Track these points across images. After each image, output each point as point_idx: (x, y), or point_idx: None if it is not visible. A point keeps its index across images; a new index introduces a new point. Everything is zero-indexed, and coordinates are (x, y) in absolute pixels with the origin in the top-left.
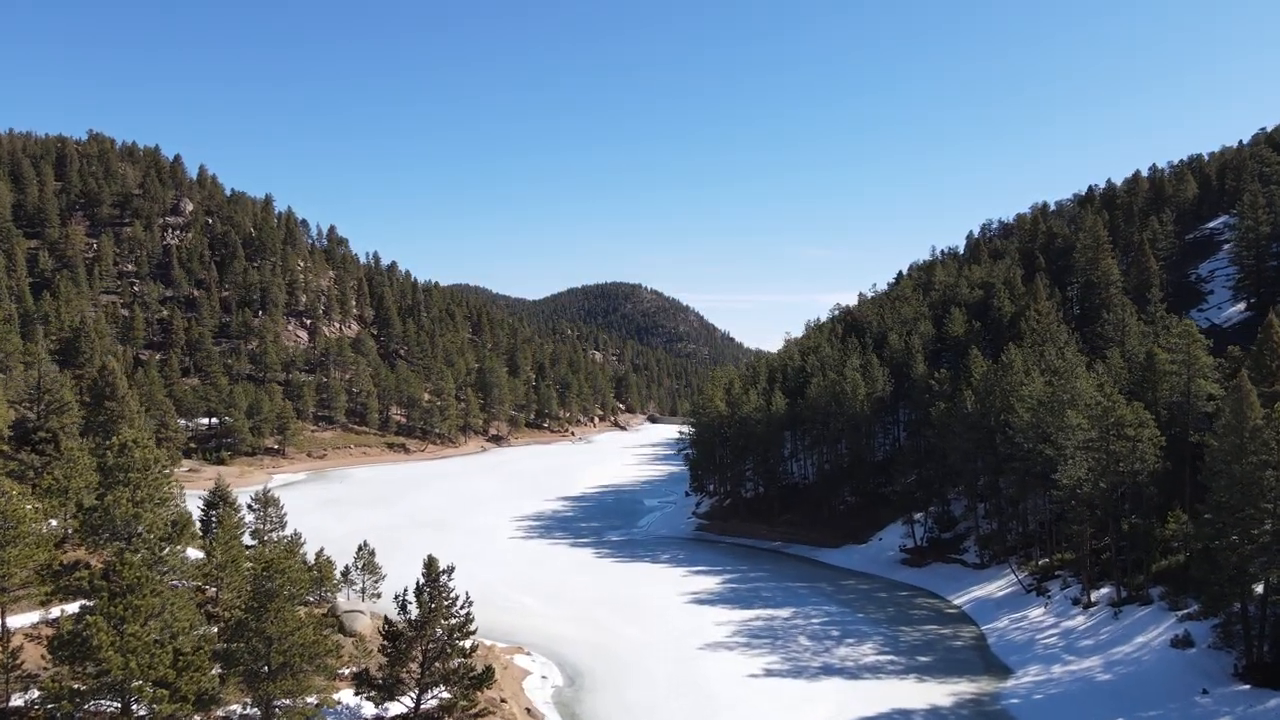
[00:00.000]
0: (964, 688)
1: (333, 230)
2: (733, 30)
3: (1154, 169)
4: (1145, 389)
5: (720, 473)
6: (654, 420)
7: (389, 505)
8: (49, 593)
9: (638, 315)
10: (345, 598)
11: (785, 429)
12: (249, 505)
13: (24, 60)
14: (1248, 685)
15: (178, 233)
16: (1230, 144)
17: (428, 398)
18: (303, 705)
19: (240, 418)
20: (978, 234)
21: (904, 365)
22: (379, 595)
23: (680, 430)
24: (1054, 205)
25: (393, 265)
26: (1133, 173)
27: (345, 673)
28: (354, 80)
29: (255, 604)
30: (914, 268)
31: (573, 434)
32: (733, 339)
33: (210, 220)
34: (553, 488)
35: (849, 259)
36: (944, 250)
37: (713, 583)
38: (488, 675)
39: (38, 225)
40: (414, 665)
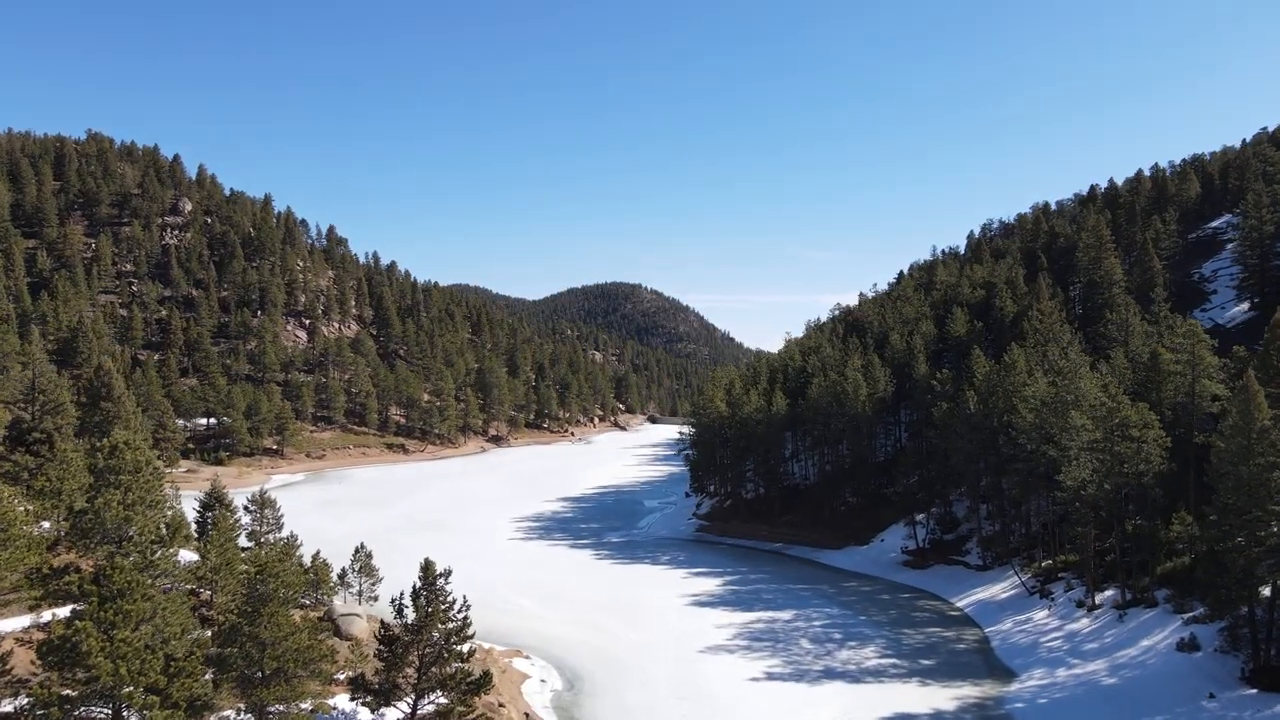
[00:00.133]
0: (967, 691)
1: (332, 230)
2: (732, 32)
3: (1156, 168)
4: (1149, 389)
5: (721, 473)
6: (654, 420)
7: (388, 506)
8: (39, 597)
9: (638, 315)
10: (342, 600)
11: (786, 429)
12: (245, 507)
13: (24, 60)
14: (1255, 689)
15: (176, 232)
16: (1229, 144)
17: (427, 398)
18: (297, 711)
19: (238, 418)
20: (978, 234)
21: (906, 365)
22: (376, 598)
23: (680, 431)
24: (1054, 205)
25: (392, 265)
26: (1135, 172)
27: (341, 677)
28: (354, 81)
29: (249, 608)
30: (915, 267)
31: (572, 434)
32: (733, 339)
33: (209, 220)
34: (552, 488)
35: (849, 259)
36: (945, 250)
37: (713, 584)
38: (485, 680)
39: (36, 225)
40: (410, 670)
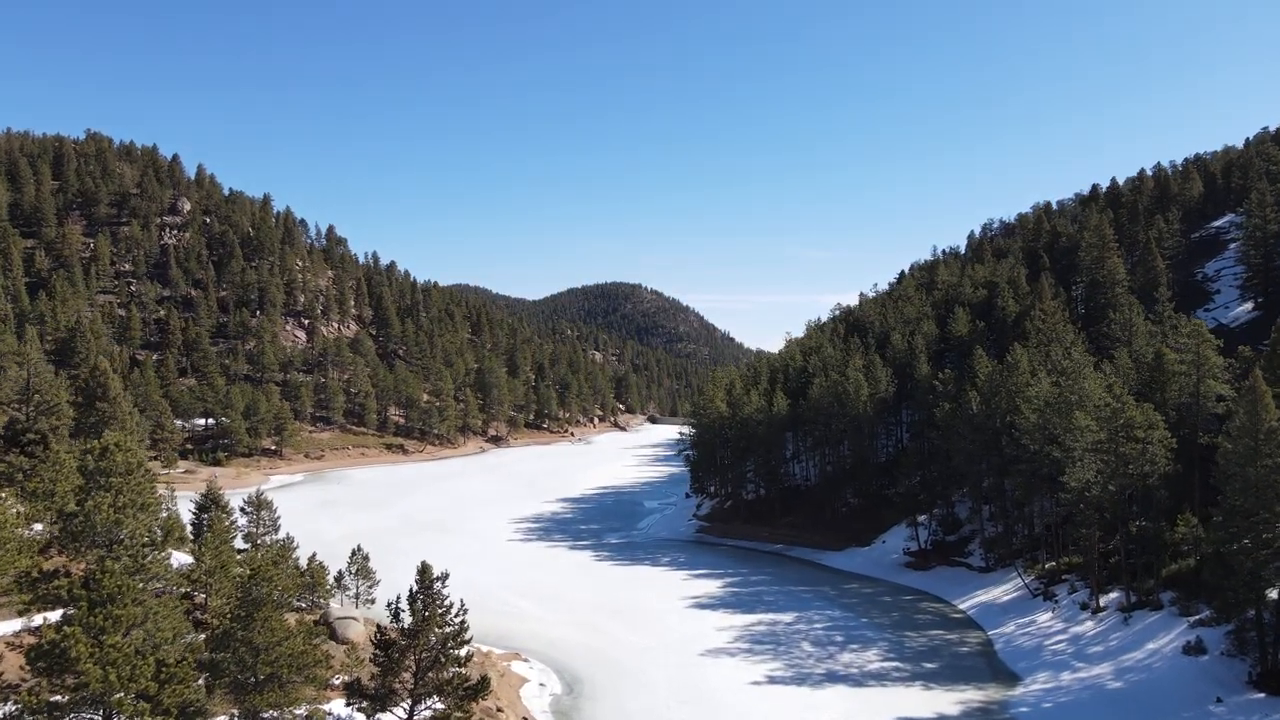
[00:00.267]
0: (971, 696)
1: (331, 230)
2: (732, 32)
3: (1158, 167)
4: (1153, 390)
5: (721, 474)
6: (654, 421)
7: (386, 507)
8: (28, 601)
9: (638, 315)
10: (339, 603)
11: (787, 430)
12: (241, 508)
13: (24, 60)
14: (1263, 694)
15: (175, 232)
16: (1230, 144)
17: (426, 398)
18: (291, 717)
19: (237, 418)
20: (979, 234)
21: (907, 365)
22: (373, 601)
23: (680, 431)
24: (1055, 205)
25: (391, 265)
26: (1137, 171)
27: (337, 682)
28: (354, 81)
29: (242, 612)
30: (916, 267)
31: (572, 434)
32: (733, 339)
33: (208, 220)
34: (552, 489)
35: (849, 259)
36: (945, 250)
37: (714, 586)
38: (483, 685)
39: (34, 225)
40: (407, 675)
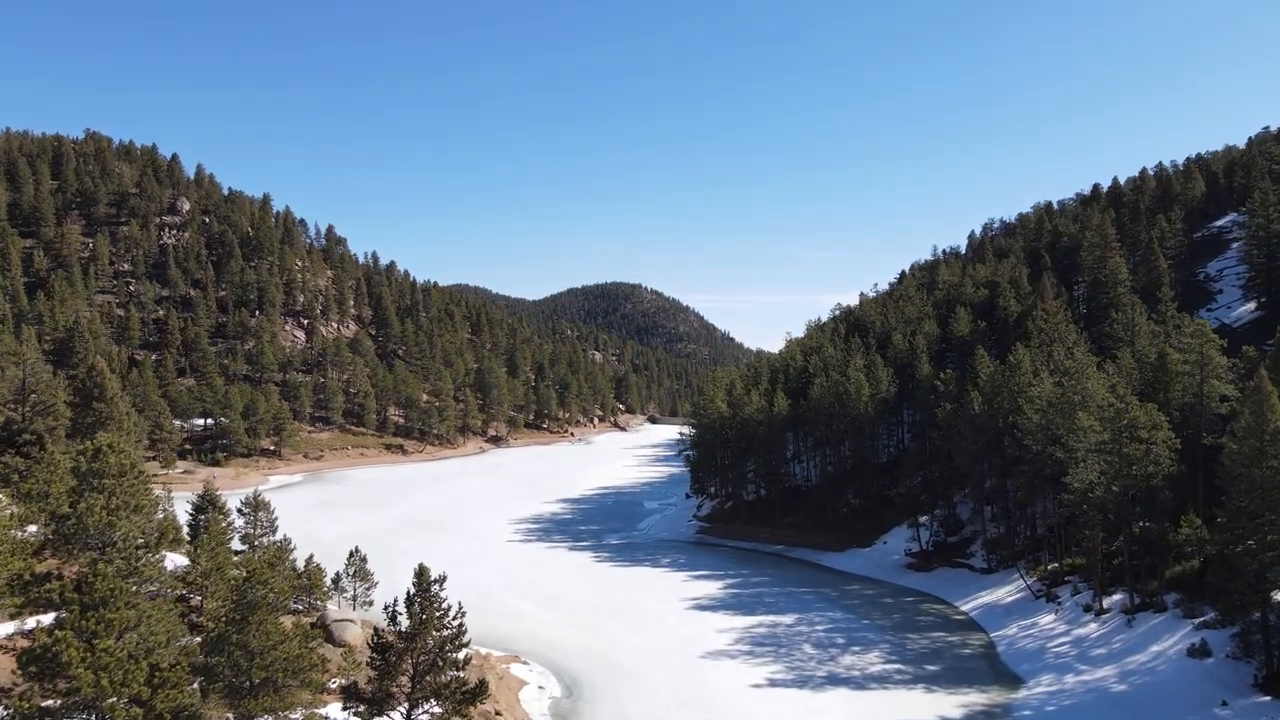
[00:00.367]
0: (974, 699)
1: (331, 230)
2: (732, 33)
3: (1160, 167)
4: (1156, 390)
5: (721, 475)
6: (654, 421)
7: (385, 507)
8: (19, 605)
9: (638, 315)
10: (336, 606)
11: (787, 430)
12: (239, 509)
13: (23, 60)
14: (1269, 697)
15: (174, 232)
16: (1231, 144)
17: (426, 398)
18: None
19: (236, 419)
20: (979, 234)
21: (908, 366)
22: (371, 603)
23: (680, 431)
24: (1056, 205)
25: (391, 265)
26: (1139, 171)
27: (333, 685)
28: (354, 81)
29: (237, 616)
30: (916, 267)
31: (572, 435)
32: (733, 339)
33: (207, 219)
34: (552, 489)
35: (849, 259)
36: (945, 250)
37: (714, 588)
38: (481, 689)
39: (33, 224)
40: (404, 679)
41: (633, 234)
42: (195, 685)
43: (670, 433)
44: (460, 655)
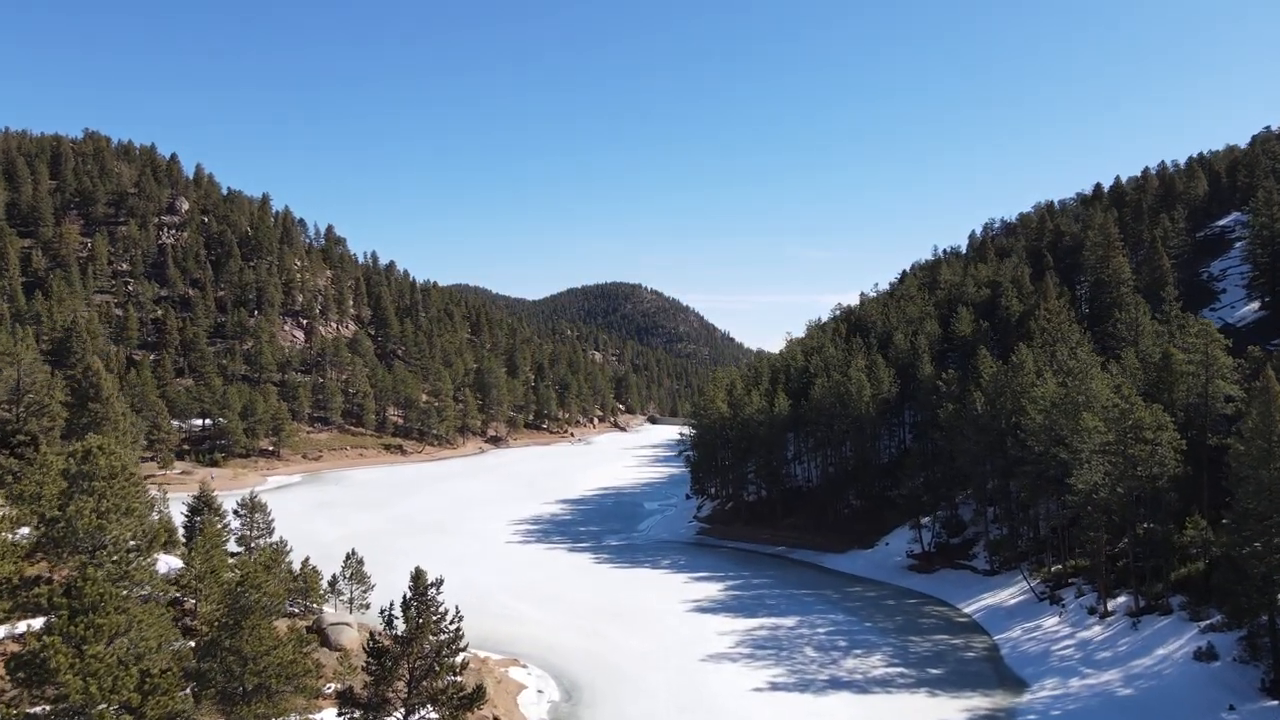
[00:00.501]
0: (978, 702)
1: (330, 230)
2: (732, 32)
3: (1162, 166)
4: (1161, 390)
5: (722, 475)
6: (654, 421)
7: (384, 508)
8: (7, 609)
9: (638, 315)
10: (333, 608)
11: (788, 430)
12: (235, 511)
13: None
14: (1276, 701)
15: (173, 232)
16: (1232, 143)
17: (425, 398)
18: None
19: (234, 419)
20: (980, 233)
21: (910, 366)
22: (368, 606)
23: (681, 431)
24: (1058, 204)
25: (391, 265)
26: (1141, 170)
27: (329, 690)
28: (354, 81)
29: (230, 620)
30: (918, 267)
31: (572, 435)
32: (733, 339)
33: (206, 219)
34: (551, 490)
35: (849, 259)
36: (946, 250)
37: (715, 589)
38: (478, 694)
39: (32, 224)
40: (401, 684)
41: (633, 234)
42: (187, 691)
43: (670, 433)
44: (457, 660)
